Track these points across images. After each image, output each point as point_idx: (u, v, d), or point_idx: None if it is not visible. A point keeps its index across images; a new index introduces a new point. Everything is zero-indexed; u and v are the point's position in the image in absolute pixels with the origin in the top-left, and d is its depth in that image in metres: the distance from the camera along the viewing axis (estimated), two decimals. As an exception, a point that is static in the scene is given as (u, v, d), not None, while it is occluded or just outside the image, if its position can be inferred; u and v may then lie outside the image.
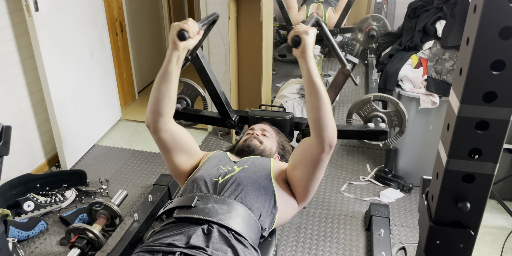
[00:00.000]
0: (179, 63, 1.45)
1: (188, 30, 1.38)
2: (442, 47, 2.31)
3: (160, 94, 1.47)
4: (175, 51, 1.42)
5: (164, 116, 1.50)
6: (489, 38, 0.77)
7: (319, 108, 1.35)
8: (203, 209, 1.38)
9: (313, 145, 1.41)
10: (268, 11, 2.73)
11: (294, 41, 1.35)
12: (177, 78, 1.48)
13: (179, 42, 1.39)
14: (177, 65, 1.45)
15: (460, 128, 0.87)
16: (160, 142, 1.57)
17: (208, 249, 1.27)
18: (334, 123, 1.39)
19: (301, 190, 1.54)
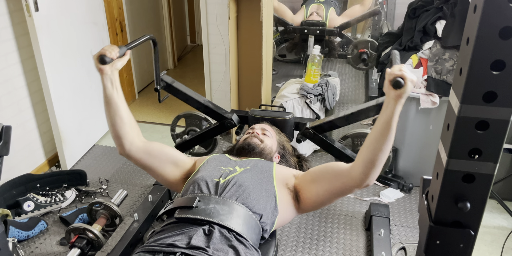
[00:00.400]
0: (114, 85, 1.52)
1: (105, 53, 1.46)
2: (442, 47, 2.31)
3: (112, 119, 1.55)
4: (104, 75, 1.49)
5: (126, 138, 1.56)
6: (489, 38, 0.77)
7: (383, 151, 1.35)
8: (204, 209, 1.38)
9: (353, 178, 1.42)
10: (268, 11, 2.73)
11: (397, 82, 1.27)
12: (121, 100, 1.54)
13: (103, 66, 1.47)
14: (114, 88, 1.52)
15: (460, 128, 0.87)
16: (139, 163, 1.62)
17: (209, 250, 1.27)
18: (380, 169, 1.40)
19: (311, 203, 1.54)
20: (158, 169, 1.63)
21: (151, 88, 4.20)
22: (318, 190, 1.50)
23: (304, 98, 2.68)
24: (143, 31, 4.03)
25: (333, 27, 3.74)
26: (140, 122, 3.43)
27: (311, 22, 3.72)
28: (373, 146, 1.36)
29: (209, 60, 3.08)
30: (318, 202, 1.52)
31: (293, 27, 3.75)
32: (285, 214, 1.53)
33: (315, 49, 2.89)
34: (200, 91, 3.95)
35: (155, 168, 1.63)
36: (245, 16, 2.72)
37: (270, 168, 1.60)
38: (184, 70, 4.72)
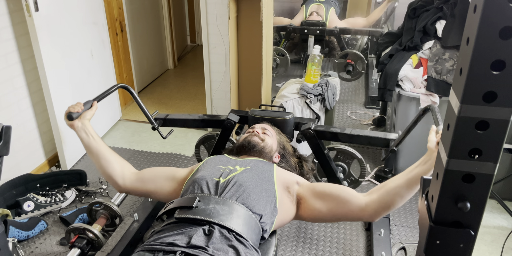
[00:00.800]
0: (90, 134, 1.68)
1: (72, 111, 1.65)
2: (442, 47, 2.31)
3: (98, 163, 1.69)
4: (76, 128, 1.67)
5: (117, 175, 1.67)
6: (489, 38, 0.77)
7: (403, 199, 1.44)
8: (204, 209, 1.38)
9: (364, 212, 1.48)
10: (268, 11, 2.73)
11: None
12: (99, 144, 1.68)
13: (72, 121, 1.65)
14: (89, 137, 1.68)
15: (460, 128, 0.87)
16: (139, 193, 1.71)
17: (209, 249, 1.27)
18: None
19: (309, 215, 1.57)
20: (158, 191, 1.68)
21: (151, 88, 4.21)
22: (322, 207, 1.53)
23: (304, 98, 2.68)
24: (143, 31, 4.03)
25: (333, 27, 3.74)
26: (140, 122, 3.43)
27: (311, 22, 3.72)
28: (396, 192, 1.44)
29: (209, 60, 3.08)
30: (317, 217, 1.56)
31: (293, 27, 3.75)
32: (284, 215, 1.54)
33: (315, 49, 2.89)
34: (200, 91, 3.98)
35: (155, 191, 1.68)
36: (245, 16, 2.72)
37: (270, 169, 1.60)
38: (184, 70, 4.72)
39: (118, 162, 1.69)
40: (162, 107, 3.72)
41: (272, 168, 1.60)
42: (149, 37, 4.19)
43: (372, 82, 3.93)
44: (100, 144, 1.68)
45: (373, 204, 1.46)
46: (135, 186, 1.67)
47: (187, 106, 3.76)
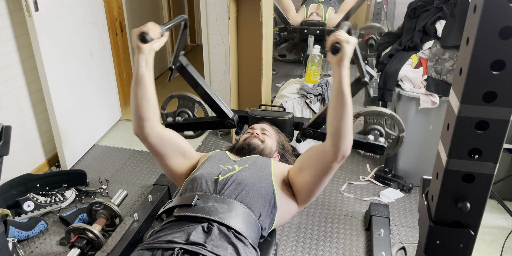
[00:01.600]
0: (148, 66, 1.48)
1: (148, 32, 1.41)
2: (442, 47, 2.31)
3: (138, 100, 1.49)
4: (141, 54, 1.46)
5: (148, 121, 1.51)
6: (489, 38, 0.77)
7: (343, 118, 1.35)
8: (203, 207, 1.38)
9: (327, 153, 1.41)
10: (268, 11, 2.73)
11: (334, 48, 1.31)
12: (151, 82, 1.50)
13: (142, 44, 1.43)
14: (147, 68, 1.48)
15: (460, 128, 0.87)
16: (151, 148, 1.59)
17: (208, 245, 1.27)
18: (352, 135, 1.39)
19: (304, 193, 1.54)
20: (168, 158, 1.61)
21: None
22: (306, 178, 1.51)
23: (304, 98, 2.68)
24: (143, 31, 4.02)
25: (332, 27, 3.74)
26: (140, 122, 3.43)
27: (311, 22, 3.72)
28: (333, 116, 1.37)
29: (209, 60, 3.08)
30: (309, 189, 1.52)
31: (293, 27, 3.75)
32: (285, 210, 1.54)
33: (315, 49, 2.89)
34: (200, 91, 3.97)
35: (165, 157, 1.60)
36: (245, 16, 2.72)
37: (268, 165, 1.60)
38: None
39: (156, 109, 1.54)
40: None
41: (269, 164, 1.60)
42: (149, 37, 4.18)
43: (372, 82, 3.92)
44: (151, 82, 1.51)
45: (328, 140, 1.39)
46: (153, 141, 1.55)
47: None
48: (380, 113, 1.98)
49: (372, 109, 2.01)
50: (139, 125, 1.52)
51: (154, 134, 1.54)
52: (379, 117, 1.99)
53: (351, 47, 1.32)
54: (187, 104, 2.18)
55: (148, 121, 1.51)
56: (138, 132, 1.54)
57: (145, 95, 1.49)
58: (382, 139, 1.94)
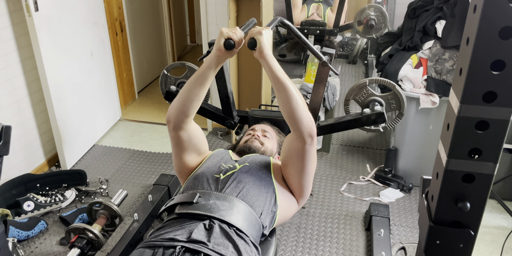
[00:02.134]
0: (217, 69, 1.47)
1: (235, 41, 1.39)
2: (442, 47, 2.31)
3: (192, 96, 1.47)
4: (218, 58, 1.42)
5: (189, 117, 1.51)
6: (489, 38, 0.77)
7: (289, 102, 1.38)
8: (204, 205, 1.39)
9: (294, 139, 1.43)
10: (268, 11, 2.73)
11: (250, 43, 1.37)
12: (210, 83, 1.50)
13: (224, 50, 1.40)
14: (214, 71, 1.46)
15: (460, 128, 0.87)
16: (176, 140, 1.58)
17: (209, 244, 1.27)
18: (308, 114, 1.40)
19: (297, 186, 1.56)
20: (186, 153, 1.61)
21: (151, 88, 4.21)
22: (290, 170, 1.52)
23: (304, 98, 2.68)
24: (143, 31, 4.03)
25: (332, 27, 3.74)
26: (140, 122, 3.43)
27: (311, 22, 3.72)
28: (280, 103, 1.40)
29: (209, 60, 3.07)
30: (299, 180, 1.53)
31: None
32: (286, 208, 1.54)
33: (315, 49, 2.89)
34: (200, 91, 3.97)
35: (185, 151, 1.61)
36: (245, 16, 2.72)
37: (267, 163, 1.61)
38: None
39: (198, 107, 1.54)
40: (162, 107, 3.71)
41: (269, 163, 1.61)
42: (149, 37, 4.19)
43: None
44: (209, 84, 1.50)
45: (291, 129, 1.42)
46: (182, 135, 1.55)
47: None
48: (360, 85, 1.95)
49: (352, 87, 1.97)
50: (178, 118, 1.51)
51: (186, 129, 1.54)
52: (363, 89, 1.95)
53: (265, 37, 1.36)
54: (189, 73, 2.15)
55: (189, 117, 1.51)
56: (174, 122, 1.52)
57: (200, 94, 1.48)
58: (378, 107, 1.89)
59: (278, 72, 1.37)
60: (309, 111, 1.44)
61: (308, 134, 1.39)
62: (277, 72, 1.37)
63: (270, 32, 1.42)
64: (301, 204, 1.61)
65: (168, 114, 1.53)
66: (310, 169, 1.51)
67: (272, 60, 1.38)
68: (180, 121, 1.51)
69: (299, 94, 1.39)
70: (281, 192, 1.53)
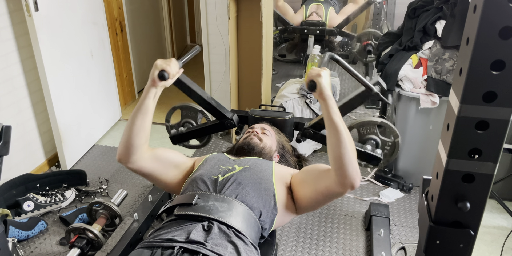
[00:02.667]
0: (155, 98, 1.52)
1: (169, 72, 1.47)
2: (442, 47, 2.31)
3: (136, 127, 1.50)
4: (153, 88, 1.49)
5: (139, 148, 1.53)
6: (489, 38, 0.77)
7: (339, 147, 1.36)
8: (203, 206, 1.39)
9: (333, 181, 1.40)
10: (268, 11, 2.73)
11: (311, 86, 1.41)
12: (152, 112, 1.54)
13: (159, 81, 1.48)
14: (153, 100, 1.52)
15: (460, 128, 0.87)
16: (140, 172, 1.59)
17: (208, 244, 1.27)
18: (356, 164, 1.36)
19: (304, 203, 1.54)
20: (161, 175, 1.62)
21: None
22: (306, 191, 1.51)
23: (304, 98, 2.68)
24: (143, 31, 4.03)
25: (332, 27, 3.74)
26: (140, 122, 3.43)
27: (311, 22, 3.72)
28: (330, 145, 1.40)
29: (209, 60, 3.08)
30: (310, 202, 1.52)
31: (293, 27, 3.75)
32: (284, 213, 1.54)
33: (315, 49, 2.89)
34: (200, 91, 3.97)
35: (158, 175, 1.61)
36: (245, 16, 2.72)
37: (269, 167, 1.60)
38: (184, 70, 4.71)
39: (148, 137, 1.56)
40: (162, 107, 3.71)
41: (270, 166, 1.60)
42: (149, 37, 4.19)
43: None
44: (152, 113, 1.54)
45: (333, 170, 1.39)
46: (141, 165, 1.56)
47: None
48: (370, 122, 1.97)
49: (363, 119, 2.00)
50: (127, 153, 1.52)
51: (141, 159, 1.55)
52: (371, 126, 1.98)
53: (324, 79, 1.40)
54: (190, 114, 2.21)
55: (138, 149, 1.53)
56: (124, 159, 1.54)
57: (144, 125, 1.52)
58: (379, 151, 1.93)
59: (334, 115, 1.38)
60: None
61: (350, 184, 1.36)
62: (333, 115, 1.38)
63: (328, 72, 1.44)
64: (300, 213, 1.62)
65: (118, 154, 1.55)
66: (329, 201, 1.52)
67: (331, 102, 1.39)
68: (130, 155, 1.52)
69: (350, 141, 1.38)
70: (281, 196, 1.52)
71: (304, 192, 1.51)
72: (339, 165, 1.36)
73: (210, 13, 2.94)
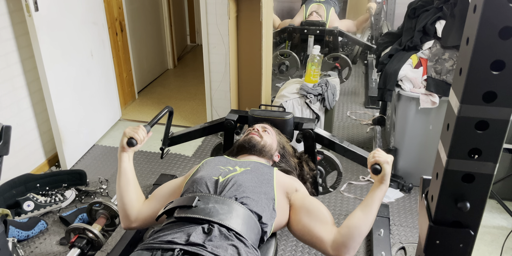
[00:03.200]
0: (130, 160, 1.66)
1: (137, 139, 1.62)
2: (442, 47, 2.31)
3: (123, 188, 1.62)
4: (124, 153, 1.64)
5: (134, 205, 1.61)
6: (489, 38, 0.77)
7: (360, 226, 1.41)
8: (203, 209, 1.38)
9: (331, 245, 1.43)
10: (268, 11, 2.73)
11: (375, 169, 1.44)
12: (132, 171, 1.66)
13: (128, 148, 1.63)
14: (129, 162, 1.65)
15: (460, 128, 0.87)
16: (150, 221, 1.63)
17: (208, 246, 1.27)
18: (360, 243, 1.41)
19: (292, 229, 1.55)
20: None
21: (151, 88, 4.20)
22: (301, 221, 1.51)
23: (304, 98, 2.68)
24: (143, 31, 4.03)
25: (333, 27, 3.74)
26: (140, 122, 3.43)
27: (311, 22, 3.72)
28: (358, 217, 1.43)
29: (209, 60, 3.08)
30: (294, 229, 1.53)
31: (293, 27, 3.75)
32: (281, 219, 1.53)
33: (315, 49, 2.89)
34: (200, 91, 3.97)
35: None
36: (245, 16, 2.72)
37: (270, 171, 1.60)
38: (184, 70, 4.72)
39: (139, 195, 1.65)
40: (162, 107, 3.71)
41: (272, 171, 1.60)
42: (149, 37, 4.19)
43: (372, 82, 3.93)
44: (133, 173, 1.66)
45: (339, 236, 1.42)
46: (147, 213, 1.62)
47: (187, 106, 3.76)
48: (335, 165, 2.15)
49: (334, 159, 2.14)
50: (125, 215, 1.61)
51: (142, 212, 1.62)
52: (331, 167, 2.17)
53: (390, 166, 1.45)
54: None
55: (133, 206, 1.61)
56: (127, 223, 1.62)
57: (129, 184, 1.63)
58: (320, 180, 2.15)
59: (378, 201, 1.45)
60: None
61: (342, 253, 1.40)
62: (378, 200, 1.45)
63: (392, 159, 1.50)
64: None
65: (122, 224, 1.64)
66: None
67: (385, 189, 1.46)
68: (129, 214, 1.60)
69: (370, 225, 1.43)
70: (280, 202, 1.52)
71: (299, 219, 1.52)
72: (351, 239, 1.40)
73: (210, 13, 2.94)
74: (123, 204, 1.61)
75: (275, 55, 3.55)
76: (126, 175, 1.63)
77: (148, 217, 1.61)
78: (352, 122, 3.43)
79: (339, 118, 3.47)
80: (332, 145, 2.00)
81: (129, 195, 1.61)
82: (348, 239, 1.39)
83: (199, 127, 2.19)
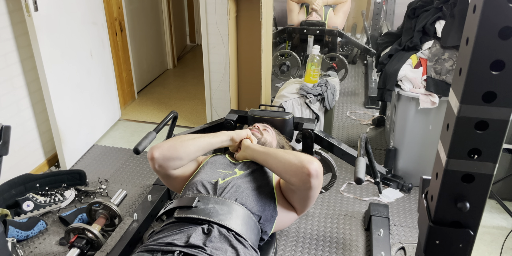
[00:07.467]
0: (220, 145, 1.68)
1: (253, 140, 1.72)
2: (442, 47, 2.31)
3: (197, 150, 1.59)
4: (232, 141, 1.68)
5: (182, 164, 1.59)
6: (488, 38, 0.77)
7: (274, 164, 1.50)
8: (203, 209, 1.38)
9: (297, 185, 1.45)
10: (268, 11, 2.73)
11: None
12: (211, 150, 1.68)
13: (235, 143, 1.69)
14: (219, 145, 1.67)
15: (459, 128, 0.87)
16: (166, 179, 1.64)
17: (207, 248, 1.27)
18: (294, 160, 1.43)
19: (298, 206, 1.57)
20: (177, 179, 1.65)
21: (151, 88, 4.20)
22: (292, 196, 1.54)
23: (303, 98, 2.68)
24: (143, 31, 4.03)
25: (332, 27, 3.74)
26: (140, 122, 3.43)
27: (311, 22, 3.72)
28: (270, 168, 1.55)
29: (208, 60, 3.08)
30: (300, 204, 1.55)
31: (293, 27, 3.75)
32: (284, 217, 1.54)
33: (314, 49, 2.89)
34: (200, 91, 3.97)
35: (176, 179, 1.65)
36: (245, 16, 2.72)
37: (270, 173, 1.60)
38: (183, 70, 4.72)
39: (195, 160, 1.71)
40: (161, 107, 3.71)
41: (271, 173, 1.61)
42: (149, 37, 4.18)
43: (372, 82, 3.93)
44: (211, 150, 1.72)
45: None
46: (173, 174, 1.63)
47: (186, 106, 3.76)
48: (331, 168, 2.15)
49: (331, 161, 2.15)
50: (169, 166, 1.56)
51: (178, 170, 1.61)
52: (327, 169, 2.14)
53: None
54: None
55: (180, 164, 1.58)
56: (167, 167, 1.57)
57: (203, 151, 1.62)
58: None
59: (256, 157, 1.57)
60: None
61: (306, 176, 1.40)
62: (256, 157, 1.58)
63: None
64: (300, 214, 1.62)
65: (158, 154, 1.54)
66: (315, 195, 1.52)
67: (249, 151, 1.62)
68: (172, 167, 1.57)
69: (276, 157, 1.49)
70: (281, 200, 1.53)
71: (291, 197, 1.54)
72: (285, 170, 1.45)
73: (210, 13, 2.94)
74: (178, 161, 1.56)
75: (276, 55, 3.55)
76: (209, 147, 1.63)
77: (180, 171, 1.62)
78: (351, 122, 3.43)
79: (338, 118, 3.47)
80: (331, 146, 2.01)
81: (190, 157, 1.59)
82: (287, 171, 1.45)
83: (199, 128, 2.19)
